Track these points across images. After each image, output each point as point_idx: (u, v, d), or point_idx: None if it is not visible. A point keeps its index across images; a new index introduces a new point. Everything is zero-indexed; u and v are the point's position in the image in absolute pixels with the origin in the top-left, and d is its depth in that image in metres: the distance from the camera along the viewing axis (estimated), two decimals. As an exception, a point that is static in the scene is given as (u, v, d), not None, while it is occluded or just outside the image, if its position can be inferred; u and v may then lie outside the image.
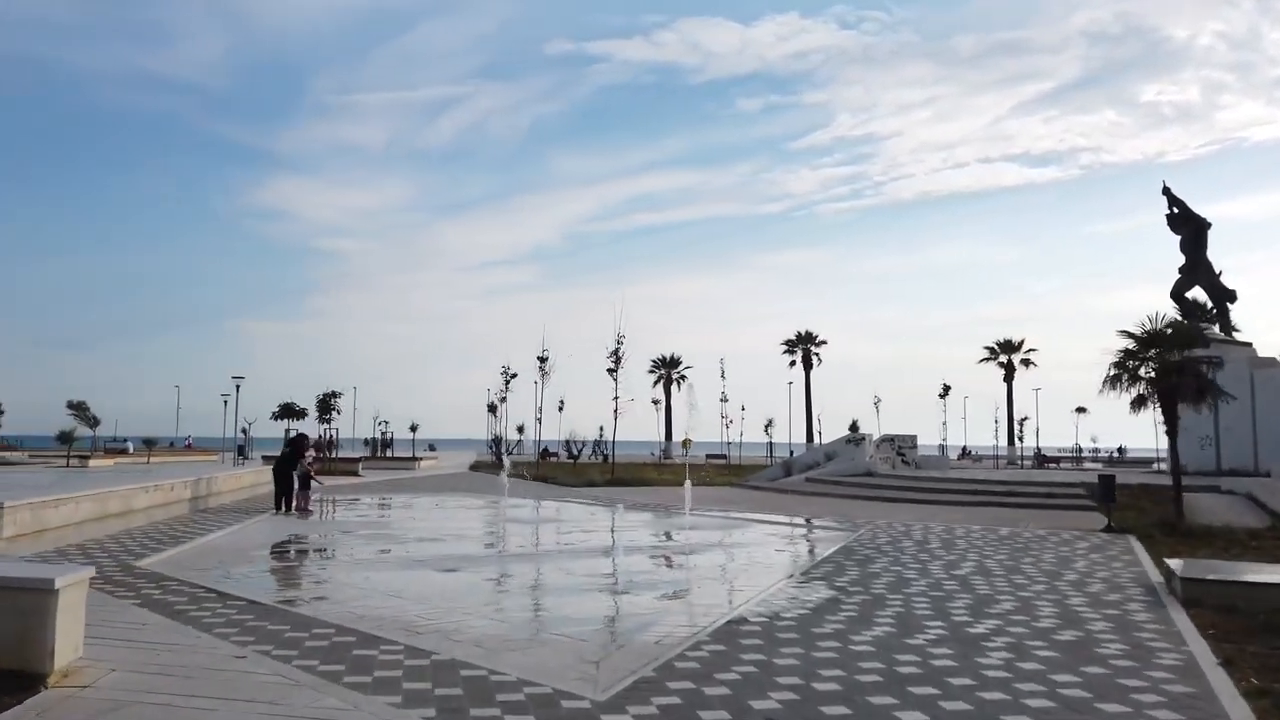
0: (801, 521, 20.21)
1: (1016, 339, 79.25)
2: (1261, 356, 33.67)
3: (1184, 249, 39.31)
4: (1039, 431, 74.74)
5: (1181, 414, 19.50)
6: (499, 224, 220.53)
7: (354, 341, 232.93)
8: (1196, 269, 38.73)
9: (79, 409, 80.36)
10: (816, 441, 70.56)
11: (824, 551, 14.37)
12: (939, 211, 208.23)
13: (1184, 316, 32.81)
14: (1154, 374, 18.83)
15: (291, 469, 21.04)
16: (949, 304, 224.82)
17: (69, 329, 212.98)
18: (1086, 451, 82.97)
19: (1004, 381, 79.44)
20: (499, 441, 50.91)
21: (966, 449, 79.22)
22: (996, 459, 64.78)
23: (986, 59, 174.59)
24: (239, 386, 43.37)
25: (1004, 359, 79.41)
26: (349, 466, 38.86)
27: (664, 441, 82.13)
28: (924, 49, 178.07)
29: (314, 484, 22.12)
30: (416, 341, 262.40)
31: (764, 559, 13.80)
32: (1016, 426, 73.38)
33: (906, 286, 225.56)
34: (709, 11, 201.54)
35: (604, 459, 45.38)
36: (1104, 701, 6.05)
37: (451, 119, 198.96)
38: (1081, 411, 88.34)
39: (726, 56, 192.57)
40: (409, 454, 59.91)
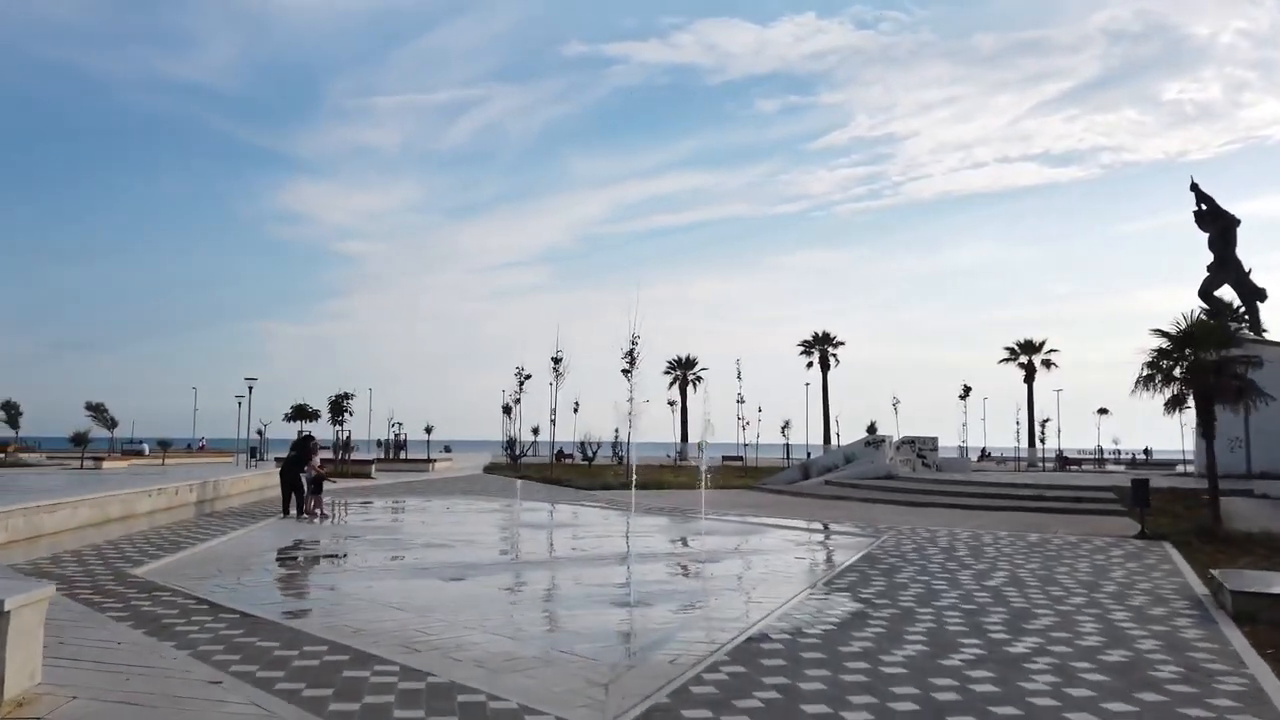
0: (821, 527, 19.60)
1: (1037, 340, 78.36)
2: (1295, 356, 32.71)
3: (1212, 246, 38.43)
4: (1060, 433, 73.77)
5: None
6: (514, 226, 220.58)
7: (371, 343, 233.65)
8: (1225, 267, 37.82)
9: (97, 410, 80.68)
10: (834, 443, 69.80)
11: (846, 559, 13.77)
12: (958, 212, 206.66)
13: (1212, 315, 31.96)
14: (1189, 374, 18.10)
15: (298, 472, 20.64)
16: (968, 305, 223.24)
17: (89, 331, 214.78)
18: (1109, 454, 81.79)
19: (1024, 383, 78.44)
20: (513, 443, 50.44)
21: (986, 451, 78.19)
22: (1018, 461, 63.82)
23: (1006, 58, 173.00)
24: (251, 388, 43.14)
25: (1024, 360, 78.42)
26: (361, 468, 38.49)
27: (680, 443, 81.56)
28: (943, 48, 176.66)
29: (326, 485, 21.69)
30: (432, 343, 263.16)
31: (783, 567, 13.22)
32: (1038, 428, 72.27)
33: (925, 288, 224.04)
34: (726, 13, 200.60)
35: (620, 461, 44.90)
36: (1167, 736, 5.46)
37: (466, 121, 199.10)
38: (1104, 413, 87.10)
39: (743, 57, 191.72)
40: (424, 456, 59.58)
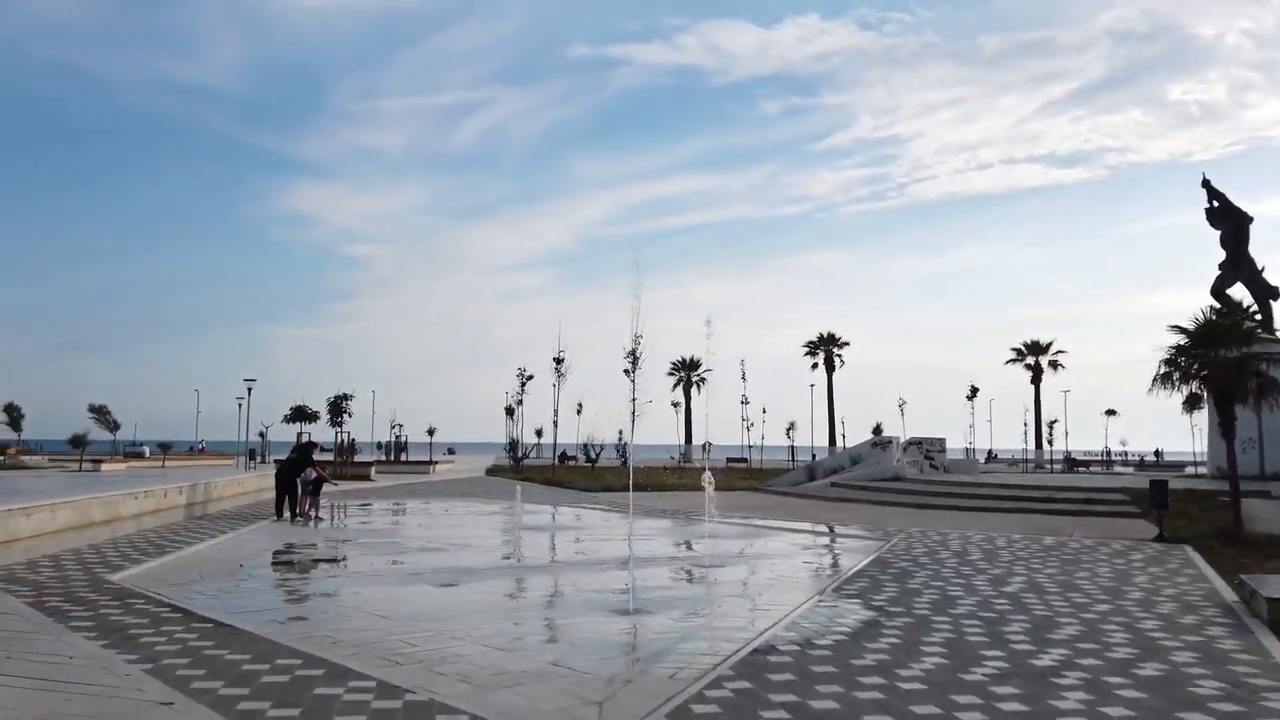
0: (828, 530, 19.06)
1: (1044, 340, 77.64)
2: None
3: (1224, 244, 37.78)
4: (1068, 435, 73.08)
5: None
6: (518, 228, 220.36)
7: (376, 346, 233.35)
8: (1238, 265, 37.17)
9: (100, 413, 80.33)
10: (839, 445, 69.19)
11: (855, 564, 13.23)
12: (963, 213, 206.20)
13: (1225, 314, 31.36)
14: (1208, 372, 17.53)
15: (296, 475, 20.18)
16: (972, 307, 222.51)
17: (93, 333, 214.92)
18: (1116, 455, 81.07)
19: (1031, 384, 77.66)
20: (515, 445, 49.95)
21: (992, 452, 77.49)
22: (1025, 463, 63.14)
23: (1011, 59, 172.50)
24: (250, 389, 42.68)
25: (1031, 361, 77.63)
26: (361, 470, 38.01)
27: (684, 445, 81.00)
28: (947, 50, 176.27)
29: (326, 487, 21.25)
30: (438, 345, 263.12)
31: (790, 572, 12.67)
32: (1045, 429, 71.58)
33: (929, 289, 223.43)
34: (729, 14, 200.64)
35: (623, 462, 44.35)
36: (1221, 763, 4.92)
37: (471, 124, 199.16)
38: (1111, 414, 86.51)
39: (746, 59, 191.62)
40: (425, 458, 59.10)
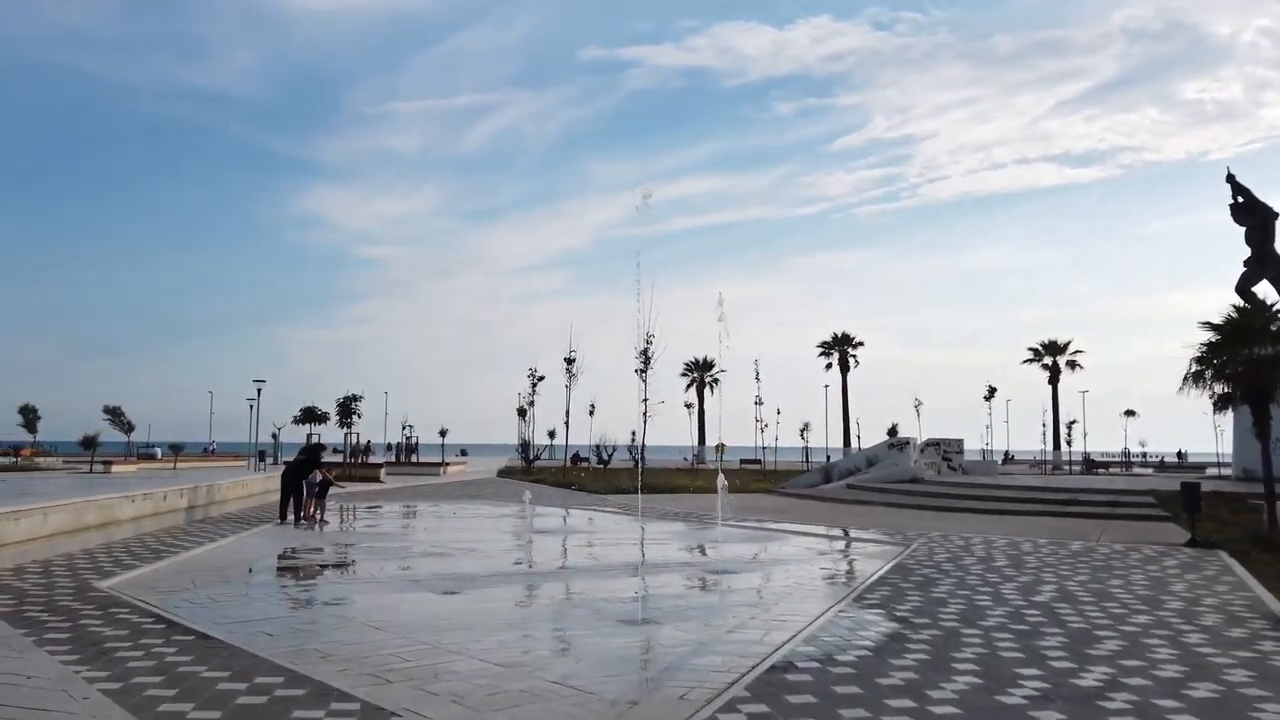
0: (846, 533, 18.48)
1: (1062, 340, 76.66)
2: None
3: (1249, 240, 36.92)
4: (1086, 435, 72.11)
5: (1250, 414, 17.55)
6: (532, 230, 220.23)
7: (391, 347, 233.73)
8: (1264, 262, 36.27)
9: (114, 414, 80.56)
10: (854, 446, 68.48)
11: (876, 570, 12.66)
12: (977, 213, 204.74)
13: (1251, 312, 30.59)
14: (1243, 369, 16.86)
15: (303, 477, 19.78)
16: (987, 307, 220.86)
17: (111, 336, 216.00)
18: (1135, 456, 79.98)
19: (1049, 384, 76.72)
20: (527, 446, 49.48)
21: (1009, 454, 76.55)
22: (1044, 464, 62.24)
23: (1025, 58, 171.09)
24: (260, 390, 42.41)
25: (1049, 361, 76.66)
26: (370, 472, 37.63)
27: (697, 446, 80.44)
28: (961, 49, 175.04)
29: (332, 489, 20.91)
30: (452, 347, 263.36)
31: (807, 580, 12.12)
32: (1064, 430, 70.60)
33: (944, 289, 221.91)
34: (742, 15, 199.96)
35: (637, 463, 43.81)
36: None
37: (485, 126, 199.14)
38: (1130, 415, 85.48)
39: (760, 60, 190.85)
40: (437, 459, 58.74)
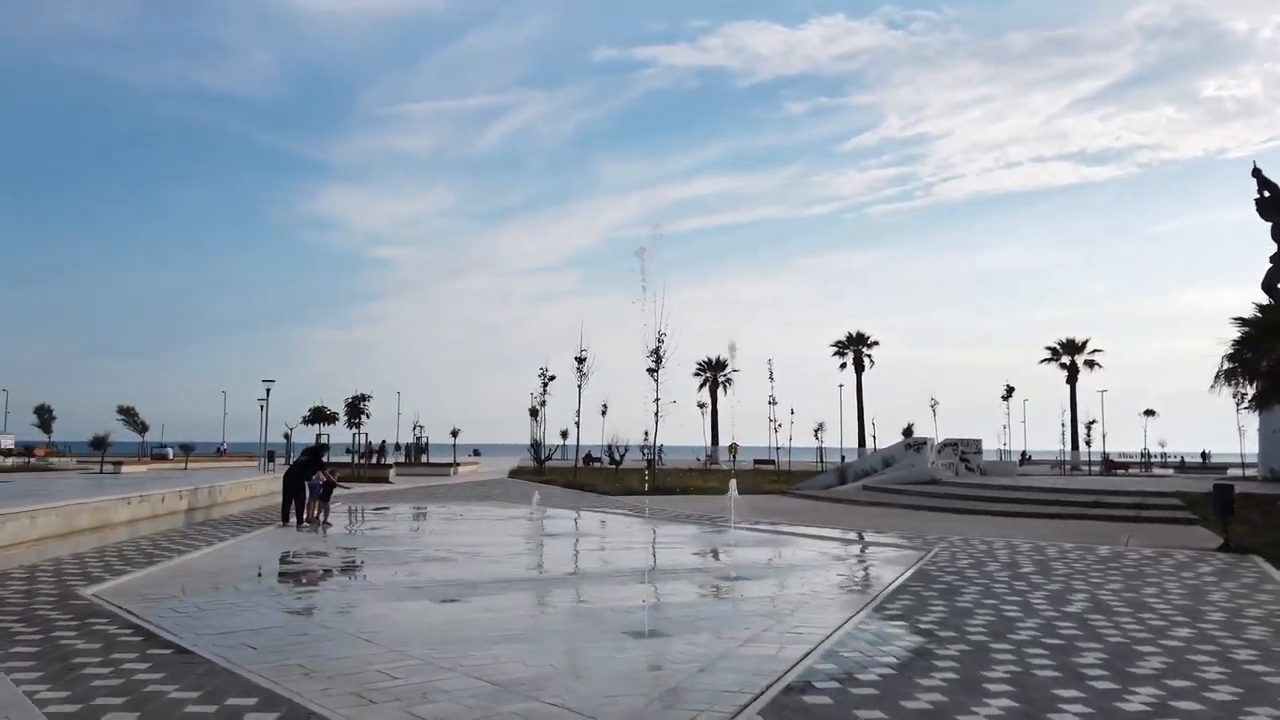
0: (863, 537, 17.89)
1: (1080, 339, 75.71)
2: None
3: (1276, 236, 36.19)
4: (1105, 436, 71.14)
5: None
6: (544, 230, 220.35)
7: (404, 347, 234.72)
8: (1292, 257, 35.58)
9: (128, 414, 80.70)
10: (869, 446, 67.78)
11: (896, 577, 12.09)
12: (992, 212, 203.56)
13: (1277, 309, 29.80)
14: (1274, 365, 16.22)
15: (305, 478, 19.38)
16: (1003, 307, 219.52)
17: (128, 338, 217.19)
18: (1155, 457, 78.88)
19: (1067, 383, 75.87)
20: (538, 446, 49.04)
21: (1026, 454, 75.63)
22: (1062, 464, 61.36)
23: (1039, 56, 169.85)
24: (269, 390, 42.11)
25: (1066, 360, 75.80)
26: (379, 473, 37.25)
27: (710, 446, 79.90)
28: (975, 48, 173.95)
29: (336, 490, 20.53)
30: (465, 347, 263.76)
31: (824, 588, 11.56)
32: (1083, 430, 69.63)
33: (958, 289, 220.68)
34: (754, 15, 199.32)
35: (648, 464, 43.35)
36: None
37: (497, 127, 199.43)
38: (1150, 414, 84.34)
39: (772, 59, 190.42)
40: (450, 459, 58.43)
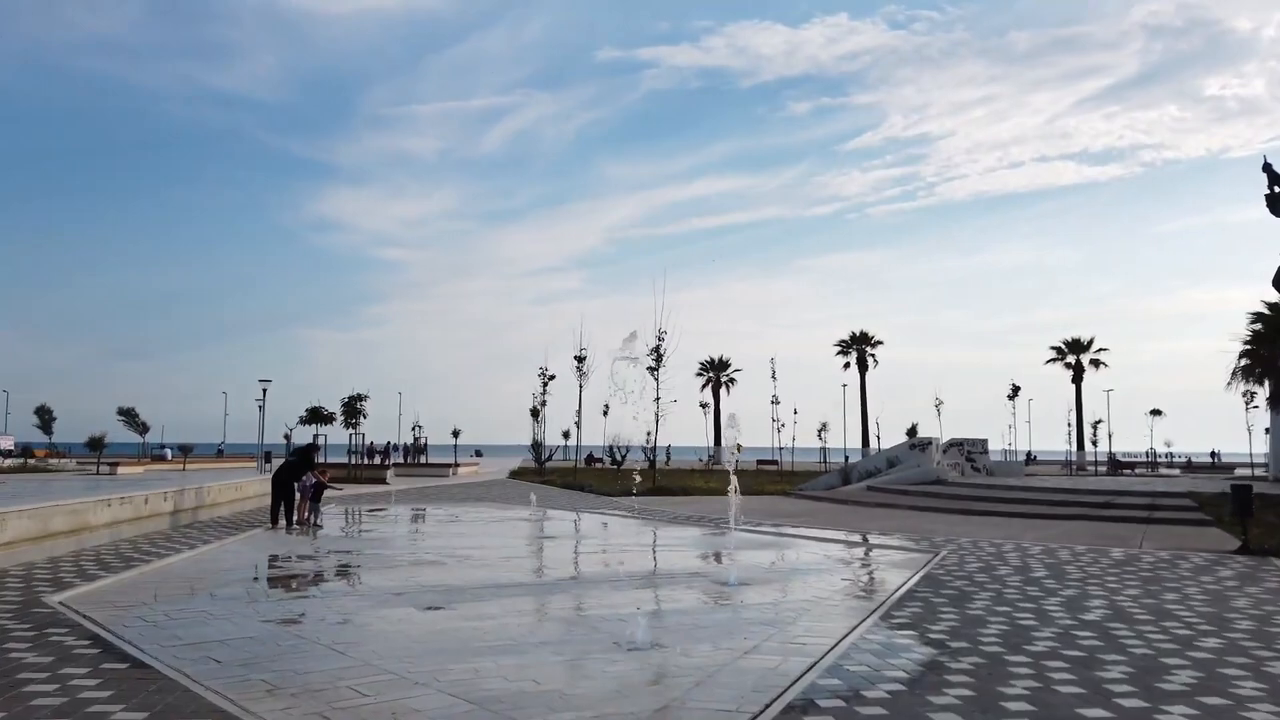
0: (869, 540, 17.37)
1: (1085, 338, 75.08)
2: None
3: (1287, 232, 35.57)
4: (1111, 436, 70.55)
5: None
6: (549, 231, 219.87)
7: (408, 349, 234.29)
8: (1302, 253, 34.94)
9: (129, 415, 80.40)
10: (873, 447, 67.18)
11: (903, 582, 11.57)
12: (995, 212, 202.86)
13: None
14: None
15: (295, 479, 18.91)
16: (1006, 306, 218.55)
17: (134, 340, 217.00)
18: (1161, 457, 78.28)
19: (1072, 383, 75.23)
20: (538, 447, 48.49)
21: (1031, 454, 75.00)
22: (1068, 464, 60.75)
23: (1043, 55, 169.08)
24: (265, 391, 41.65)
25: (1072, 360, 75.16)
26: (376, 474, 36.76)
27: (713, 447, 79.33)
28: (978, 47, 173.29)
29: (327, 492, 20.06)
30: (468, 348, 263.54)
31: (828, 594, 11.03)
32: (1089, 430, 69.01)
33: (962, 289, 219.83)
34: (757, 15, 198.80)
35: (650, 464, 42.87)
36: None
37: (501, 128, 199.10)
38: (1157, 414, 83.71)
39: (775, 59, 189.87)
40: (450, 460, 57.93)
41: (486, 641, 8.05)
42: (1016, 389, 64.83)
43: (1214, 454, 73.40)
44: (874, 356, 77.16)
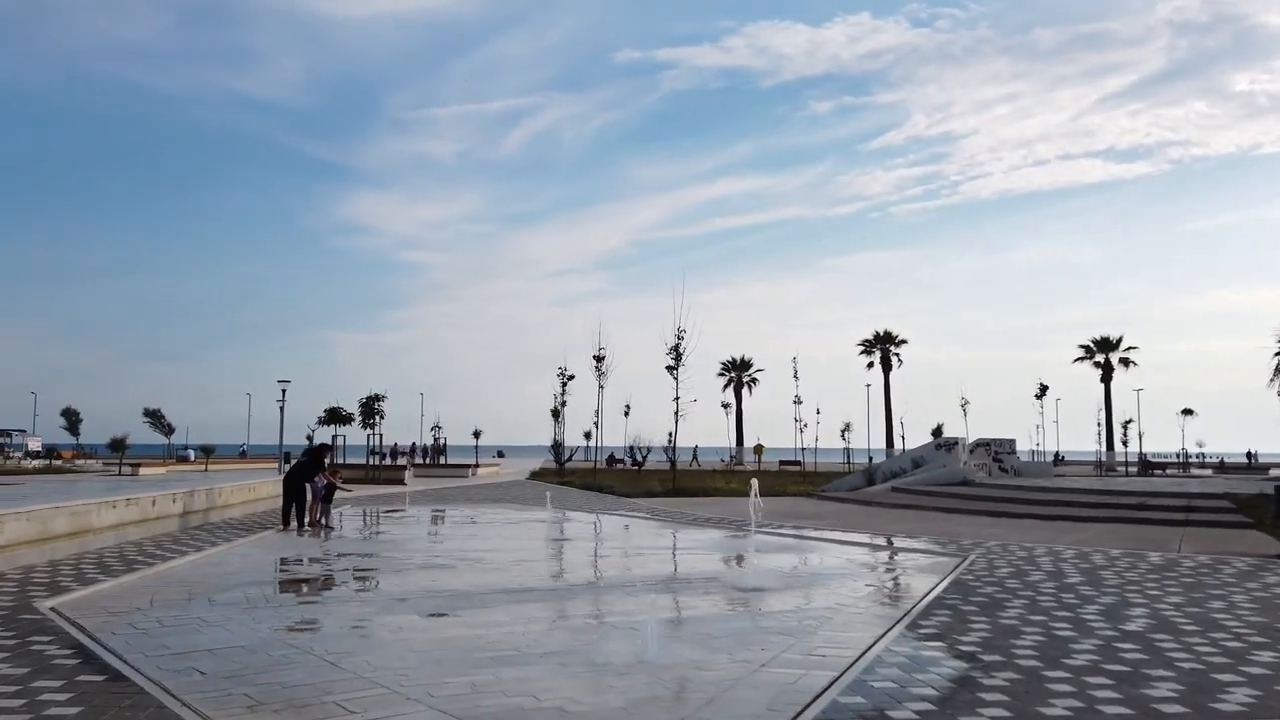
0: (894, 543, 16.81)
1: (1114, 336, 73.84)
2: None
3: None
4: (1142, 436, 69.24)
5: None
6: (571, 233, 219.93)
7: (432, 351, 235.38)
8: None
9: (154, 417, 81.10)
10: (898, 447, 66.33)
11: (930, 588, 11.03)
12: (1020, 210, 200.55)
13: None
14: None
15: (306, 480, 18.62)
16: (1032, 306, 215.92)
17: (156, 342, 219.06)
18: (1193, 457, 76.79)
19: (1101, 382, 74.05)
20: (558, 447, 48.14)
21: (1059, 455, 73.78)
22: (1098, 465, 59.62)
23: (1067, 52, 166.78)
24: (285, 391, 41.58)
25: (1100, 358, 73.98)
26: (394, 474, 36.52)
27: (734, 447, 78.72)
28: (1001, 44, 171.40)
29: (339, 493, 19.75)
30: (492, 350, 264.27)
31: (851, 600, 10.51)
32: (1119, 430, 67.74)
33: (987, 288, 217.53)
34: (778, 15, 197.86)
35: (671, 465, 42.43)
36: None
37: (523, 130, 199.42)
38: (1189, 414, 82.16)
39: (796, 59, 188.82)
40: (471, 460, 57.70)
41: (489, 651, 7.61)
42: (1044, 388, 63.70)
43: (1250, 454, 71.77)
44: (898, 356, 76.34)
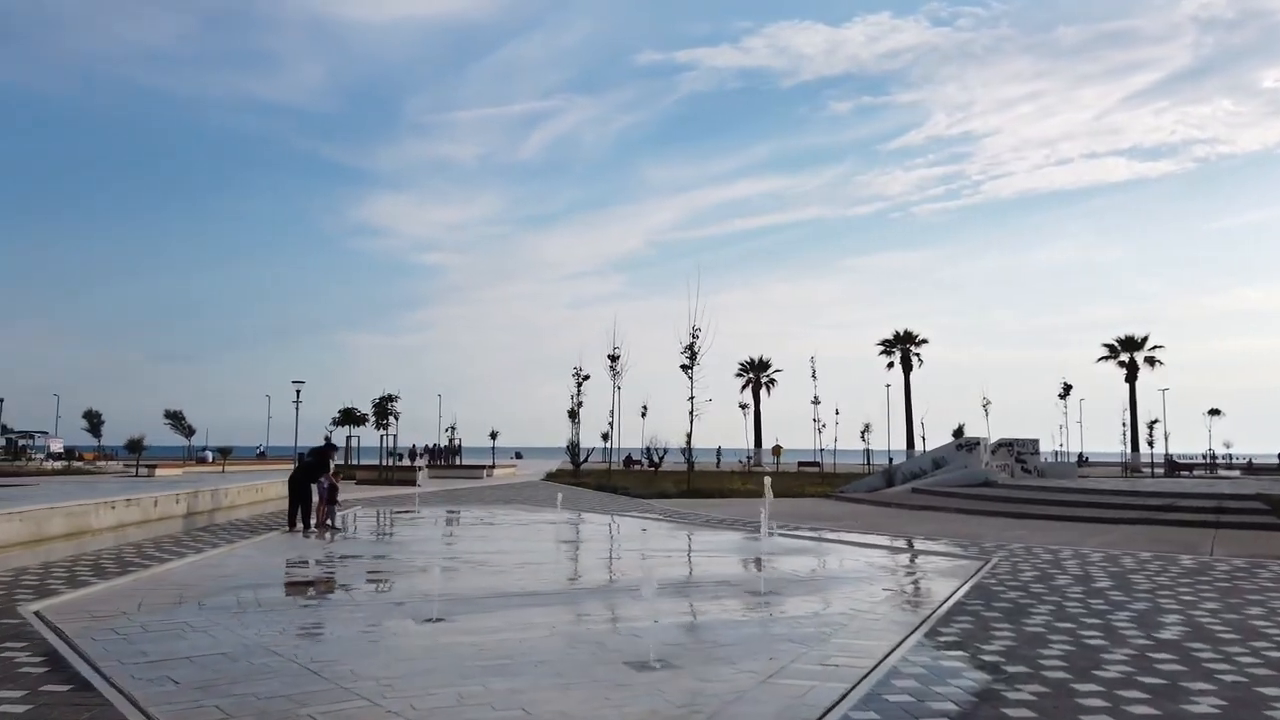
0: (913, 545, 16.28)
1: (1139, 336, 72.70)
2: None
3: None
4: (1168, 436, 68.05)
5: None
6: (589, 235, 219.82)
7: (449, 353, 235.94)
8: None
9: (175, 418, 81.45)
10: (918, 448, 65.51)
11: (951, 593, 10.53)
12: (1042, 210, 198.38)
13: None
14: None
15: (312, 480, 18.35)
16: (1055, 305, 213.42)
17: (176, 343, 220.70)
18: (1220, 457, 75.40)
19: (1126, 382, 72.94)
20: (574, 448, 47.81)
21: (1083, 455, 72.64)
22: (1123, 466, 58.60)
23: (1091, 50, 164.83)
24: (299, 391, 41.48)
25: (1125, 358, 72.89)
26: (407, 475, 36.29)
27: (753, 449, 78.10)
28: (1024, 42, 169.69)
29: (340, 496, 19.48)
30: (509, 352, 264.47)
31: (869, 606, 10.02)
32: (1144, 430, 66.60)
33: (1009, 288, 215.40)
34: (797, 15, 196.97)
35: (689, 465, 42.00)
36: None
37: (541, 133, 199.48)
38: (1215, 414, 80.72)
39: (815, 59, 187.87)
40: (481, 461, 57.45)
41: (480, 660, 7.20)
42: (1068, 388, 62.48)
43: (1281, 456, 70.43)
44: (918, 356, 75.42)
